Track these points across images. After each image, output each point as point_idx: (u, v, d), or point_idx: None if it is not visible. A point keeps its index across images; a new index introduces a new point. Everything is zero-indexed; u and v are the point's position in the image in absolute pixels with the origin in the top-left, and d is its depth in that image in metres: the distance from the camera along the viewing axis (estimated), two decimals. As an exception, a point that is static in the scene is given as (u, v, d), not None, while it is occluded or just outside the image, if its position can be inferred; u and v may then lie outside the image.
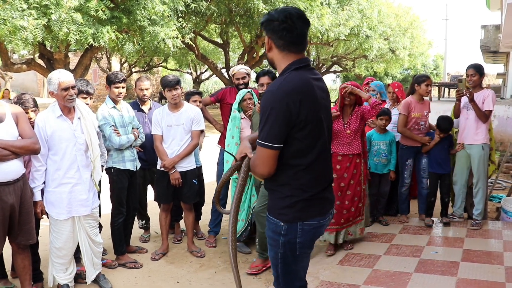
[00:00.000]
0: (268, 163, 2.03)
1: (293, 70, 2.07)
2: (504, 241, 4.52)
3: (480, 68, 5.01)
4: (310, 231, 2.14)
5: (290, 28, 2.05)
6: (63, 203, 3.42)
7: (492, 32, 14.50)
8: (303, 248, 2.17)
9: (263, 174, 2.07)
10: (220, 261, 4.43)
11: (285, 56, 2.10)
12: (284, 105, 1.97)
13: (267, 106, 2.01)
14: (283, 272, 2.23)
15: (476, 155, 4.95)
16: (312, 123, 2.05)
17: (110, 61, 22.98)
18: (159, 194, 4.52)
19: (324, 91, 2.19)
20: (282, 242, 2.15)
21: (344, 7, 13.64)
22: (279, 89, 2.01)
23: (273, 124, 1.98)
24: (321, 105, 2.11)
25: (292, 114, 1.98)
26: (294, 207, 2.10)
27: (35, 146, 3.15)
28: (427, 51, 25.75)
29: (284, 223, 2.12)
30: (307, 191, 2.10)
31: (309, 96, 2.04)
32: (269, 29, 2.09)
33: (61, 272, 3.57)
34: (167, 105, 4.41)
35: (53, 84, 3.34)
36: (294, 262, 2.20)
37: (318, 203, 2.15)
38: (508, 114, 10.43)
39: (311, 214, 2.12)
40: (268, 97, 2.03)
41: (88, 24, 8.07)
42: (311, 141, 2.07)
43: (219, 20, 13.79)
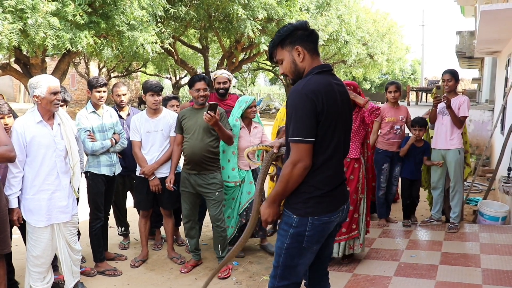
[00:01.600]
0: (308, 155, 2.13)
1: (316, 73, 2.22)
2: (481, 244, 4.60)
3: (456, 73, 5.10)
4: (319, 226, 2.25)
5: (313, 32, 2.28)
6: (42, 210, 3.35)
7: (467, 38, 14.82)
8: (310, 242, 2.26)
9: (306, 166, 2.13)
10: (200, 268, 4.40)
11: (313, 61, 2.27)
12: (310, 101, 2.10)
13: (295, 105, 2.14)
14: (283, 264, 2.32)
15: (453, 159, 5.03)
16: (329, 125, 2.17)
17: (89, 66, 22.69)
18: (139, 200, 4.47)
19: (345, 96, 2.31)
20: (291, 233, 2.26)
21: (323, 13, 13.78)
22: (304, 88, 2.13)
23: (303, 120, 2.11)
24: (340, 108, 2.23)
25: (317, 111, 2.11)
26: (307, 203, 2.23)
27: (10, 154, 3.07)
28: (404, 56, 26.17)
29: (296, 216, 2.25)
30: (320, 188, 2.22)
31: (331, 97, 2.16)
32: (296, 39, 2.24)
33: (38, 281, 3.48)
34: (146, 111, 4.37)
35: (41, 88, 3.28)
36: (298, 255, 2.29)
37: (329, 200, 2.26)
38: (483, 118, 10.67)
39: (322, 210, 2.24)
40: (294, 96, 2.15)
41: (65, 29, 7.95)
42: (326, 141, 2.18)
43: (198, 25, 13.76)
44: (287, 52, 2.27)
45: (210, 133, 4.09)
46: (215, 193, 4.16)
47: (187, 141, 4.12)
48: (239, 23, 11.31)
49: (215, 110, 3.84)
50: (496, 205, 5.55)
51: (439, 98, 4.96)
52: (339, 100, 2.23)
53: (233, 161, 4.49)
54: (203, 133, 4.07)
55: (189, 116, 4.16)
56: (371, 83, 33.04)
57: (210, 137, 4.10)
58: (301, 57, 2.24)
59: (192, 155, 4.08)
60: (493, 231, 5.01)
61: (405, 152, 5.31)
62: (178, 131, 4.22)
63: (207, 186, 4.13)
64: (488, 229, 5.07)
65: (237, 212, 4.57)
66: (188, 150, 4.10)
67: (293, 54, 2.25)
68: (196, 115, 4.11)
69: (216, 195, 4.17)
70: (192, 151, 4.07)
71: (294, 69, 2.28)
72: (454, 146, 5.02)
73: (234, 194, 4.54)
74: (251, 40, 12.70)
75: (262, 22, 12.11)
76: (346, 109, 2.32)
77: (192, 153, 4.07)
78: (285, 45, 2.26)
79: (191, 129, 4.10)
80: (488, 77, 13.39)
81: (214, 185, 4.15)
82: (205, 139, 4.08)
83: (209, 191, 4.15)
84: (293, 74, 2.30)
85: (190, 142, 4.09)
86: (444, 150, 5.09)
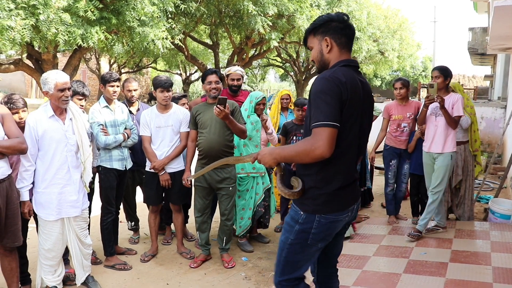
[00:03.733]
0: (331, 142, 2.02)
1: (343, 66, 2.18)
2: (492, 242, 4.57)
3: (445, 70, 4.74)
4: (326, 225, 2.20)
5: (350, 25, 2.24)
6: (52, 204, 3.39)
7: (480, 34, 14.63)
8: (315, 239, 2.22)
9: (324, 154, 2.02)
10: (209, 263, 4.42)
11: (341, 55, 2.23)
12: (337, 87, 2.04)
13: (321, 90, 2.07)
14: (285, 259, 2.30)
15: (443, 163, 4.66)
16: (349, 118, 2.11)
17: (99, 62, 22.80)
18: (148, 196, 4.50)
19: (368, 94, 2.27)
20: (296, 230, 2.23)
21: (334, 9, 13.70)
22: (331, 76, 2.08)
23: (329, 104, 2.03)
24: (361, 105, 2.19)
25: (342, 99, 2.06)
26: (316, 199, 2.18)
27: (22, 146, 3.11)
28: (415, 53, 25.97)
29: (303, 212, 2.21)
30: (330, 183, 2.16)
31: (355, 91, 2.12)
32: (328, 30, 2.22)
33: (49, 274, 3.53)
34: (156, 106, 4.39)
35: (49, 84, 3.31)
36: (301, 252, 2.26)
37: (339, 198, 2.21)
38: (495, 115, 10.55)
39: (331, 208, 2.19)
40: (321, 82, 2.09)
41: (77, 25, 8.00)
42: (344, 134, 2.11)
43: (209, 21, 13.76)
44: (317, 41, 2.26)
45: (226, 127, 4.13)
46: (229, 188, 4.25)
47: (203, 136, 4.16)
48: (249, 19, 11.29)
49: (225, 104, 3.87)
50: (507, 203, 5.49)
51: (432, 97, 4.55)
52: (362, 97, 2.19)
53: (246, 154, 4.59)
54: (220, 127, 4.13)
55: (203, 111, 4.20)
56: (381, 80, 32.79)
57: (227, 131, 4.17)
58: (328, 49, 2.23)
59: (210, 150, 4.12)
60: (504, 229, 4.97)
61: (413, 148, 5.24)
62: (193, 126, 4.26)
63: (222, 181, 4.20)
64: (499, 227, 5.03)
65: (253, 203, 4.66)
66: (206, 144, 4.14)
67: (322, 44, 2.24)
68: (211, 109, 4.11)
69: (229, 190, 4.26)
70: (209, 145, 4.12)
71: (320, 58, 2.28)
72: (448, 149, 4.66)
73: (248, 186, 4.64)
74: (262, 36, 12.67)
75: (273, 18, 12.08)
76: (367, 109, 2.28)
77: (210, 148, 4.12)
78: (317, 34, 2.26)
79: (207, 124, 4.15)
80: (500, 74, 13.22)
81: (229, 179, 4.23)
82: (222, 134, 4.15)
83: (223, 186, 4.23)
84: (318, 63, 2.30)
85: (207, 136, 4.14)
86: (436, 154, 4.71)
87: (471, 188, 5.26)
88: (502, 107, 10.64)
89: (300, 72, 24.52)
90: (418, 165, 5.22)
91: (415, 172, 5.33)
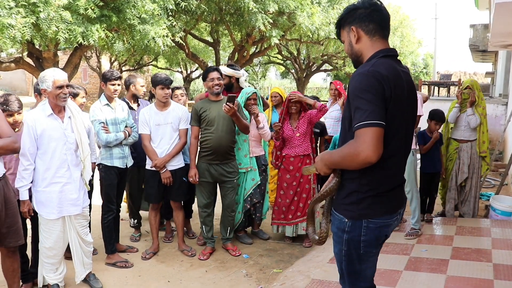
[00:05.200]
0: (377, 144, 1.77)
1: (381, 57, 1.95)
2: (493, 239, 4.56)
3: None
4: (375, 230, 2.00)
5: (379, 9, 2.00)
6: (53, 203, 3.39)
7: (481, 31, 14.60)
8: (368, 247, 2.03)
9: (371, 159, 1.78)
10: (211, 260, 4.43)
11: (374, 44, 2.00)
12: (379, 84, 1.82)
13: (360, 88, 1.84)
14: (347, 271, 2.12)
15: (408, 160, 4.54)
16: (395, 115, 1.88)
17: (100, 59, 22.83)
18: (149, 193, 4.49)
19: (411, 85, 2.02)
20: (346, 239, 2.03)
21: (335, 6, 13.68)
22: (370, 71, 1.85)
23: (372, 102, 1.80)
24: (406, 98, 1.96)
25: (386, 96, 1.84)
26: (360, 204, 1.97)
27: (14, 145, 3.07)
28: (417, 50, 25.94)
29: (348, 219, 2.00)
30: (376, 188, 1.96)
31: (399, 85, 1.90)
32: (354, 19, 2.02)
33: (51, 272, 3.54)
34: (155, 103, 4.39)
35: (47, 82, 3.31)
36: (359, 261, 2.07)
37: (387, 201, 2.00)
38: (496, 112, 10.54)
39: (378, 212, 1.98)
40: (359, 79, 1.87)
41: (77, 23, 8.02)
42: (390, 134, 1.88)
43: (210, 19, 13.77)
44: (346, 33, 2.07)
45: (232, 124, 4.33)
46: (233, 181, 4.45)
47: (211, 133, 4.27)
48: (250, 16, 11.30)
49: (234, 102, 4.02)
50: (508, 200, 5.49)
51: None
52: (406, 89, 1.95)
53: (244, 149, 4.72)
54: (227, 124, 4.29)
55: (208, 108, 4.30)
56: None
57: (233, 128, 4.36)
58: (356, 39, 2.02)
59: (219, 147, 4.28)
60: (505, 226, 4.96)
61: (428, 150, 5.20)
62: (196, 123, 4.34)
63: (228, 175, 4.41)
64: (500, 224, 5.03)
65: (242, 198, 4.77)
66: (214, 141, 4.26)
67: (350, 35, 2.04)
68: (217, 107, 4.28)
69: (233, 182, 4.47)
70: (219, 143, 4.27)
71: (351, 51, 2.07)
72: None
73: (240, 181, 4.73)
74: (262, 33, 12.67)
75: (273, 15, 12.08)
76: (412, 100, 2.03)
77: (219, 145, 4.27)
78: (345, 25, 2.07)
79: (214, 121, 4.27)
80: (502, 71, 13.19)
81: (234, 173, 4.45)
82: (229, 131, 4.32)
83: (229, 179, 4.42)
84: (351, 56, 2.10)
85: (215, 134, 4.26)
86: None
87: (476, 186, 5.28)
88: (504, 104, 10.62)
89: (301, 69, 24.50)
90: (429, 164, 5.22)
91: (425, 170, 5.31)
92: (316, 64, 24.63)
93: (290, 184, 4.70)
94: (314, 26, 12.50)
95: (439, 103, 10.95)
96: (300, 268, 4.11)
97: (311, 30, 12.71)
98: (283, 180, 4.79)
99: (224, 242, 4.63)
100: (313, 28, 12.62)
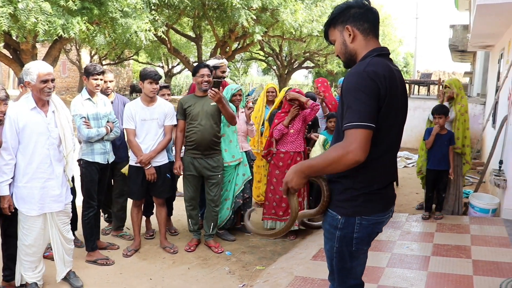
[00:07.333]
0: (365, 146, 1.79)
1: (375, 56, 1.96)
2: (472, 235, 4.65)
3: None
4: (368, 227, 2.01)
5: (372, 9, 2.02)
6: (34, 199, 3.30)
7: (460, 31, 14.82)
8: (359, 244, 2.04)
9: (359, 159, 1.80)
10: (193, 257, 4.40)
11: (368, 43, 2.02)
12: (373, 83, 1.83)
13: (354, 87, 1.85)
14: (338, 268, 2.13)
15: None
16: (389, 114, 1.91)
17: (80, 53, 22.46)
18: (133, 190, 4.42)
19: (403, 86, 2.05)
20: (338, 236, 2.04)
21: (318, 3, 13.72)
22: (365, 70, 1.86)
23: (365, 102, 1.81)
24: (399, 97, 1.98)
25: (380, 96, 1.85)
26: (354, 201, 1.98)
27: None
28: (397, 48, 26.22)
29: (341, 216, 2.01)
30: (370, 185, 1.97)
31: (393, 83, 1.91)
32: (348, 18, 2.01)
33: (29, 270, 3.45)
34: (140, 98, 4.33)
35: (31, 75, 3.22)
36: (350, 258, 2.09)
37: (380, 198, 2.02)
38: (475, 111, 10.73)
39: (372, 209, 2.00)
40: (354, 78, 1.87)
41: (57, 15, 7.85)
42: (383, 133, 1.91)
43: (192, 14, 13.67)
44: (339, 32, 2.06)
45: (216, 119, 4.39)
46: (218, 176, 4.47)
47: (195, 127, 4.32)
48: (233, 12, 11.25)
49: (219, 87, 3.99)
50: (486, 198, 5.60)
51: None
52: (399, 88, 1.98)
53: (235, 140, 4.78)
54: (211, 119, 4.34)
55: (193, 103, 4.37)
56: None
57: (216, 123, 4.40)
58: (351, 38, 2.01)
59: (202, 140, 4.33)
60: (483, 223, 5.06)
61: (431, 144, 5.22)
62: (181, 117, 4.40)
63: (213, 169, 4.43)
64: (479, 221, 5.12)
65: (232, 194, 4.79)
66: (198, 135, 4.32)
67: (344, 34, 2.04)
68: (201, 102, 4.35)
69: (218, 177, 4.48)
70: (202, 136, 4.32)
71: (344, 50, 2.06)
72: None
73: (230, 177, 4.77)
74: (245, 29, 12.64)
75: (257, 11, 12.04)
76: (404, 99, 2.06)
77: (202, 138, 4.32)
78: (337, 24, 2.05)
79: (199, 116, 4.32)
80: (480, 71, 13.44)
81: (218, 167, 4.47)
82: (213, 125, 4.36)
83: (213, 173, 4.44)
84: (344, 56, 2.08)
85: (199, 128, 4.32)
86: None
87: (457, 184, 5.37)
88: (482, 103, 10.83)
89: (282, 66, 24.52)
90: (436, 161, 5.23)
91: (432, 167, 5.30)
92: (298, 61, 24.70)
93: (280, 180, 4.71)
94: (297, 23, 12.53)
95: (419, 102, 11.15)
96: (283, 265, 4.12)
97: (294, 27, 12.73)
98: (273, 175, 4.85)
99: (207, 239, 4.62)
100: (296, 25, 12.64)
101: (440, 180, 5.32)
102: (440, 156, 5.21)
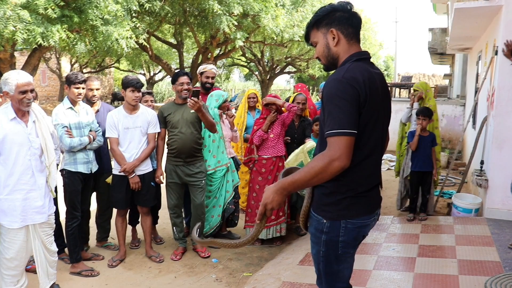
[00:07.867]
0: (349, 152, 1.82)
1: (355, 61, 1.97)
2: (456, 235, 4.70)
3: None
4: (353, 230, 2.01)
5: (355, 15, 2.02)
6: (16, 211, 3.21)
7: (439, 35, 15.09)
8: (346, 247, 2.04)
9: (344, 166, 1.82)
10: (179, 265, 4.36)
11: (350, 47, 2.02)
12: (352, 89, 1.84)
13: (334, 94, 1.86)
14: (325, 272, 2.12)
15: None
16: (370, 118, 1.92)
17: (60, 61, 22.18)
18: (117, 199, 4.36)
19: (385, 88, 2.07)
20: (324, 240, 2.04)
21: (298, 9, 13.82)
22: (344, 77, 1.87)
23: (345, 110, 1.83)
24: (381, 99, 1.99)
25: (360, 101, 1.86)
26: (339, 204, 1.98)
27: None
28: (378, 52, 26.56)
29: (327, 220, 2.00)
30: (355, 188, 1.97)
31: (373, 87, 1.92)
32: (333, 21, 2.01)
33: (11, 285, 3.34)
34: (123, 107, 4.28)
35: (9, 85, 3.14)
36: (337, 262, 2.08)
37: (365, 201, 2.02)
38: (455, 113, 10.90)
39: (357, 212, 2.00)
40: (333, 84, 1.88)
41: (36, 23, 7.74)
42: (366, 136, 1.93)
43: (173, 21, 13.63)
44: (322, 35, 2.04)
45: (196, 126, 4.41)
46: (201, 181, 4.47)
47: (175, 135, 4.34)
48: (214, 18, 11.25)
49: (198, 96, 4.08)
50: (469, 198, 5.68)
51: None
52: (380, 91, 1.99)
53: (222, 145, 4.79)
54: (191, 126, 4.35)
55: (173, 112, 4.38)
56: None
57: (197, 130, 4.42)
58: (335, 41, 2.01)
59: (183, 148, 4.33)
60: (467, 223, 5.12)
61: (416, 145, 5.30)
62: (162, 125, 4.43)
63: (195, 175, 4.43)
64: (462, 221, 5.19)
65: (223, 201, 4.81)
66: (179, 143, 4.33)
67: (328, 37, 2.03)
68: (181, 110, 4.37)
69: (202, 183, 4.48)
70: (183, 144, 4.33)
71: (327, 53, 2.05)
72: None
73: (220, 184, 4.79)
74: (227, 35, 12.64)
75: (238, 17, 12.06)
76: (386, 101, 2.07)
77: (183, 145, 4.33)
78: (321, 26, 2.04)
79: (179, 123, 4.34)
80: (459, 73, 13.67)
81: (200, 173, 4.46)
82: (194, 132, 4.37)
83: (196, 180, 4.43)
84: (325, 59, 2.07)
85: (179, 135, 4.33)
86: None
87: (428, 182, 5.48)
88: (461, 105, 11.00)
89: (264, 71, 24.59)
90: (420, 163, 5.32)
91: (416, 169, 5.39)
92: (280, 66, 24.81)
93: (263, 186, 4.71)
94: (278, 29, 12.59)
95: (401, 104, 11.24)
96: (270, 271, 4.10)
97: (276, 32, 12.79)
98: (255, 182, 4.82)
99: (194, 244, 4.64)
100: (278, 31, 12.70)
101: (425, 182, 5.43)
102: (424, 158, 5.32)
